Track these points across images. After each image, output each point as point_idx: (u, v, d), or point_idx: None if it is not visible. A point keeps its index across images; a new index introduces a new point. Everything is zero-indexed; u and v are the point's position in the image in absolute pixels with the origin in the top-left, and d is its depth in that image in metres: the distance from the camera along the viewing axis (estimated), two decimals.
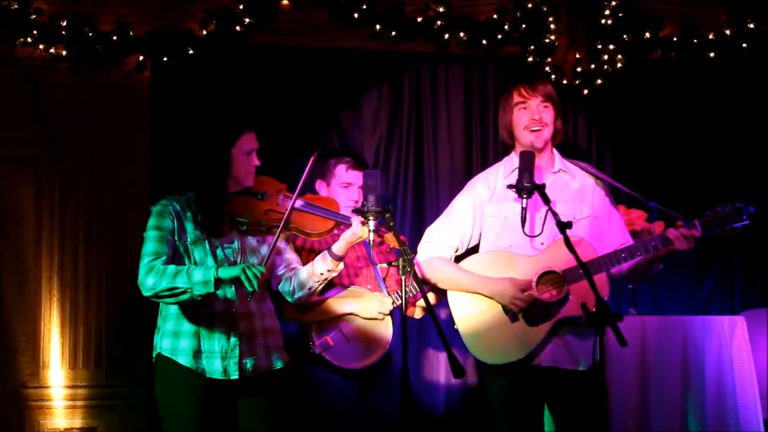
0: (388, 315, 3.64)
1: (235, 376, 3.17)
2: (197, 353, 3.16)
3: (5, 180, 4.71)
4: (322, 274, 3.31)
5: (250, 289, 2.99)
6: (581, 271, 3.11)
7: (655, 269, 3.31)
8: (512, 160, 3.42)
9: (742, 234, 3.20)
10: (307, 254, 3.59)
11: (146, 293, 3.11)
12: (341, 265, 3.36)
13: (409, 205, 5.17)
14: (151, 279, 3.08)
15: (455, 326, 3.33)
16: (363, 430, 3.66)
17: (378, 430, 3.68)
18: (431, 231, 3.47)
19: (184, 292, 3.05)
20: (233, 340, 3.18)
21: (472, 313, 3.30)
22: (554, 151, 3.43)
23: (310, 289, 3.33)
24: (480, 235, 3.42)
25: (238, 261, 3.22)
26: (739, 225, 3.16)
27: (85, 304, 4.71)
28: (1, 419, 4.65)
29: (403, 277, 3.04)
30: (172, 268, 3.08)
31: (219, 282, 3.03)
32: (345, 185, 3.79)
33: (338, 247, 3.30)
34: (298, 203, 3.28)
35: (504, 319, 3.25)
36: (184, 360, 3.15)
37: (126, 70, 4.74)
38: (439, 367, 5.07)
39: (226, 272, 3.03)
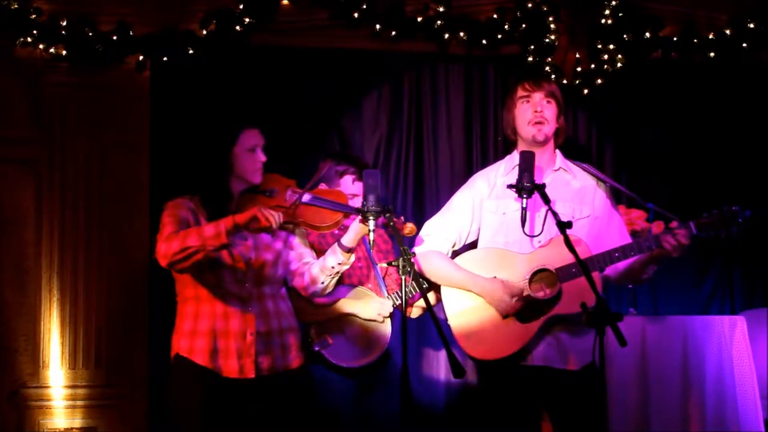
0: (387, 318, 3.65)
1: (251, 375, 3.16)
2: (213, 352, 3.14)
3: (5, 180, 4.71)
4: (333, 267, 3.28)
5: (267, 224, 2.99)
6: (574, 270, 3.12)
7: (651, 271, 3.30)
8: (514, 158, 3.42)
9: (737, 237, 3.19)
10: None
11: (162, 262, 3.02)
12: (353, 258, 3.33)
13: (409, 205, 5.17)
14: (164, 245, 3.00)
15: (447, 322, 3.33)
16: (362, 429, 3.66)
17: (377, 429, 3.68)
18: (429, 225, 3.48)
19: (196, 251, 2.97)
20: (249, 339, 3.16)
21: (464, 309, 3.30)
22: (556, 150, 3.43)
23: (322, 283, 3.31)
24: (479, 230, 3.42)
25: (252, 257, 3.21)
26: (734, 229, 3.14)
27: (85, 304, 4.72)
28: (1, 419, 4.64)
29: (403, 278, 3.03)
30: (185, 231, 3.01)
31: (234, 230, 2.99)
32: (350, 197, 3.77)
33: (348, 239, 3.28)
34: (306, 197, 3.27)
35: (495, 316, 3.25)
36: (200, 359, 3.14)
37: (126, 70, 4.75)
38: (438, 367, 5.07)
39: (242, 216, 3.00)
